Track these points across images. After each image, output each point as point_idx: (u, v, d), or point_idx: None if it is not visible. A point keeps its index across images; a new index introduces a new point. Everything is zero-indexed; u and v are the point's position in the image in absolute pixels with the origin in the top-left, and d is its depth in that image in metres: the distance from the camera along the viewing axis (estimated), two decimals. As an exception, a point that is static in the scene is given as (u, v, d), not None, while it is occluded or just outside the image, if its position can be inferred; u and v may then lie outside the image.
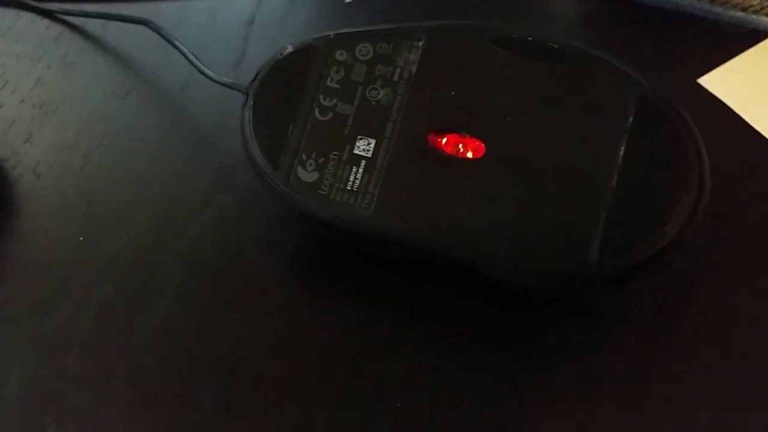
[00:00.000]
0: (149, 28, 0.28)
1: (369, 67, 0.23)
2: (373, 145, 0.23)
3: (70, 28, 0.33)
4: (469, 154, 0.22)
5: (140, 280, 0.26)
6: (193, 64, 0.26)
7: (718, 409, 0.22)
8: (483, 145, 0.22)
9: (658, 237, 0.21)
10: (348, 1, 0.32)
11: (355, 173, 0.22)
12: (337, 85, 0.23)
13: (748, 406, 0.22)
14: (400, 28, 0.23)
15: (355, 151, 0.23)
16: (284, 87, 0.24)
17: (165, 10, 0.33)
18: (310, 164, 0.23)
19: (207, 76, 0.26)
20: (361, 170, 0.22)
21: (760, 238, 0.25)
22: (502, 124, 0.22)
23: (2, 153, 0.29)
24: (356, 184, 0.22)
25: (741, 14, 0.30)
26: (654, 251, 0.21)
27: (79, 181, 0.28)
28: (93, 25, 0.33)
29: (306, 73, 0.23)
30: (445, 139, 0.22)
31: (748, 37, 0.30)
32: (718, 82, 0.29)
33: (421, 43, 0.23)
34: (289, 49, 0.24)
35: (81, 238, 0.26)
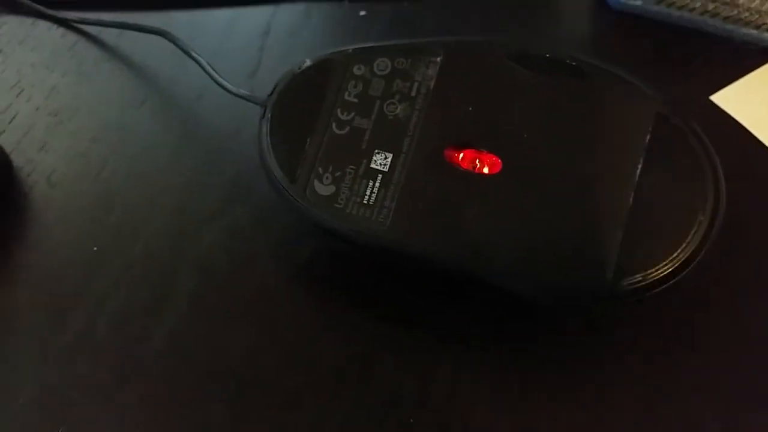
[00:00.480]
0: (166, 38, 0.28)
1: (387, 82, 0.23)
2: (390, 160, 0.23)
3: (86, 37, 0.33)
4: (486, 170, 0.22)
5: (153, 289, 0.26)
6: (211, 76, 0.26)
7: (729, 419, 0.23)
8: (499, 160, 0.22)
9: (674, 255, 0.21)
10: (362, 13, 0.33)
11: (372, 187, 0.23)
12: (355, 100, 0.23)
13: (760, 416, 0.23)
14: (419, 44, 0.24)
15: (372, 165, 0.23)
16: (302, 100, 0.24)
17: (180, 20, 0.33)
18: (327, 177, 0.23)
19: (224, 88, 0.26)
20: (377, 184, 0.23)
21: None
22: (518, 140, 0.22)
23: (17, 161, 0.29)
24: (372, 198, 0.22)
25: (754, 32, 0.30)
26: (670, 270, 0.21)
27: (93, 190, 0.28)
28: (108, 35, 0.33)
29: (324, 86, 0.24)
30: (461, 155, 0.23)
31: (761, 54, 0.30)
32: (730, 100, 0.29)
33: (439, 59, 0.23)
34: (308, 62, 0.24)
35: (95, 248, 0.27)
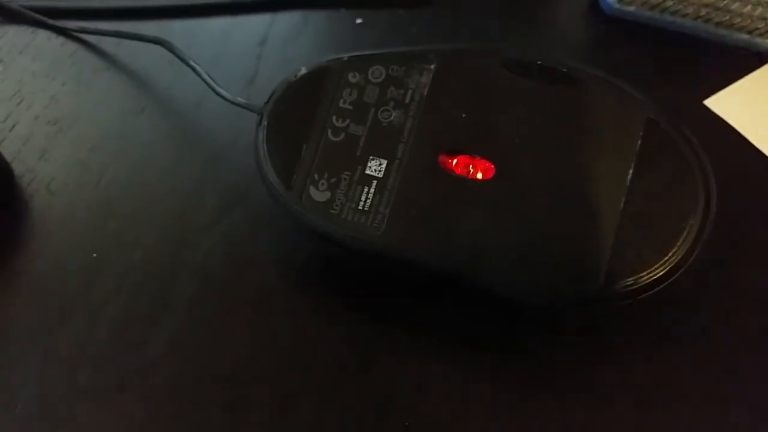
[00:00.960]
0: (165, 48, 0.29)
1: (381, 89, 0.24)
2: (384, 166, 0.23)
3: (85, 45, 0.33)
4: (479, 175, 0.23)
5: (153, 295, 0.26)
6: (209, 85, 0.27)
7: (724, 419, 0.23)
8: (492, 166, 0.22)
9: (665, 259, 0.21)
10: (359, 21, 0.33)
11: (367, 193, 0.23)
12: (350, 107, 0.24)
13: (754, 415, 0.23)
14: (413, 52, 0.24)
15: (367, 171, 0.23)
16: (298, 108, 0.24)
17: (178, 29, 0.33)
18: (323, 184, 0.23)
19: (222, 97, 0.26)
20: (372, 190, 0.23)
21: (764, 255, 0.26)
22: (511, 146, 0.23)
23: (17, 169, 0.30)
24: (367, 204, 0.23)
25: (746, 37, 0.30)
26: (661, 273, 0.21)
27: (93, 198, 0.28)
28: (107, 43, 0.33)
29: (319, 94, 0.24)
30: (455, 161, 0.23)
31: (754, 59, 0.30)
32: (723, 104, 0.29)
33: (432, 66, 0.24)
34: (303, 70, 0.24)
35: (95, 255, 0.27)
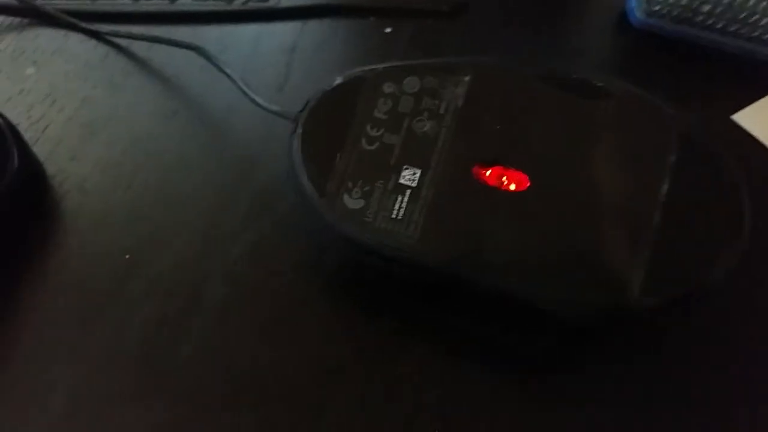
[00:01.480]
0: (199, 53, 0.29)
1: (416, 100, 0.24)
2: (418, 175, 0.23)
3: (117, 49, 0.34)
4: (513, 187, 0.23)
5: (184, 299, 0.26)
6: (244, 91, 0.27)
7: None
8: (526, 177, 0.23)
9: (698, 274, 0.21)
10: (388, 30, 0.33)
11: (400, 202, 0.23)
12: (385, 116, 0.24)
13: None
14: (447, 63, 0.24)
15: (401, 181, 0.23)
16: (333, 117, 0.24)
17: (208, 34, 0.34)
18: (356, 192, 0.23)
19: (256, 104, 0.26)
20: (405, 199, 0.23)
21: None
22: (545, 158, 0.23)
23: (50, 170, 0.30)
24: (401, 213, 0.23)
25: (775, 52, 0.31)
26: (694, 288, 0.21)
27: (124, 200, 0.29)
28: (138, 47, 0.34)
29: (354, 103, 0.24)
30: (489, 171, 0.23)
31: (782, 74, 0.31)
32: (751, 119, 0.30)
33: (467, 78, 0.24)
34: (339, 80, 0.25)
35: (127, 256, 0.27)
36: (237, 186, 0.29)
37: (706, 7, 0.30)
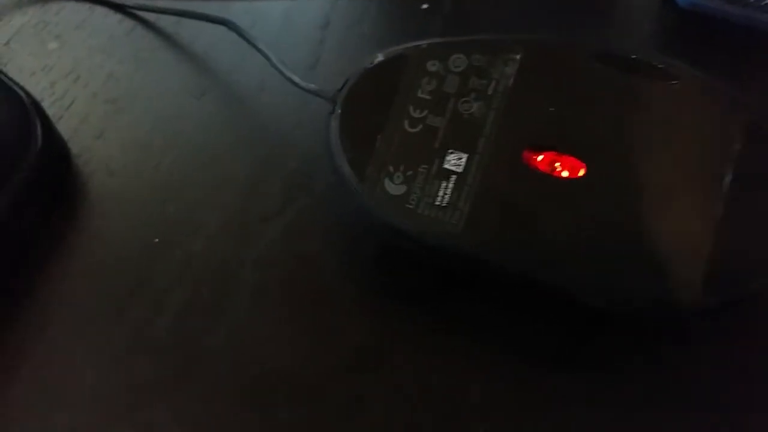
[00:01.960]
0: (230, 29, 0.28)
1: (462, 79, 0.23)
2: (464, 160, 0.22)
3: (143, 23, 0.32)
4: (566, 174, 0.21)
5: (215, 285, 0.25)
6: (279, 69, 0.26)
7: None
8: (581, 164, 0.21)
9: (761, 274, 0.20)
10: (425, 6, 0.32)
11: (445, 188, 0.22)
12: (428, 97, 0.23)
13: None
14: (497, 40, 0.23)
15: (446, 166, 0.22)
16: (373, 97, 0.23)
17: (237, 9, 0.32)
18: (398, 177, 0.22)
19: (293, 82, 0.25)
20: (450, 185, 0.22)
21: None
22: (602, 143, 0.21)
23: (74, 148, 0.29)
24: (445, 200, 0.22)
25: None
26: (758, 289, 0.20)
27: (153, 180, 0.28)
28: (166, 22, 0.32)
29: (396, 83, 0.23)
30: (540, 157, 0.22)
31: None
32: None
33: (518, 57, 0.22)
34: (380, 57, 0.23)
35: (156, 240, 0.26)
36: (269, 168, 0.28)
37: (764, -15, 0.29)
